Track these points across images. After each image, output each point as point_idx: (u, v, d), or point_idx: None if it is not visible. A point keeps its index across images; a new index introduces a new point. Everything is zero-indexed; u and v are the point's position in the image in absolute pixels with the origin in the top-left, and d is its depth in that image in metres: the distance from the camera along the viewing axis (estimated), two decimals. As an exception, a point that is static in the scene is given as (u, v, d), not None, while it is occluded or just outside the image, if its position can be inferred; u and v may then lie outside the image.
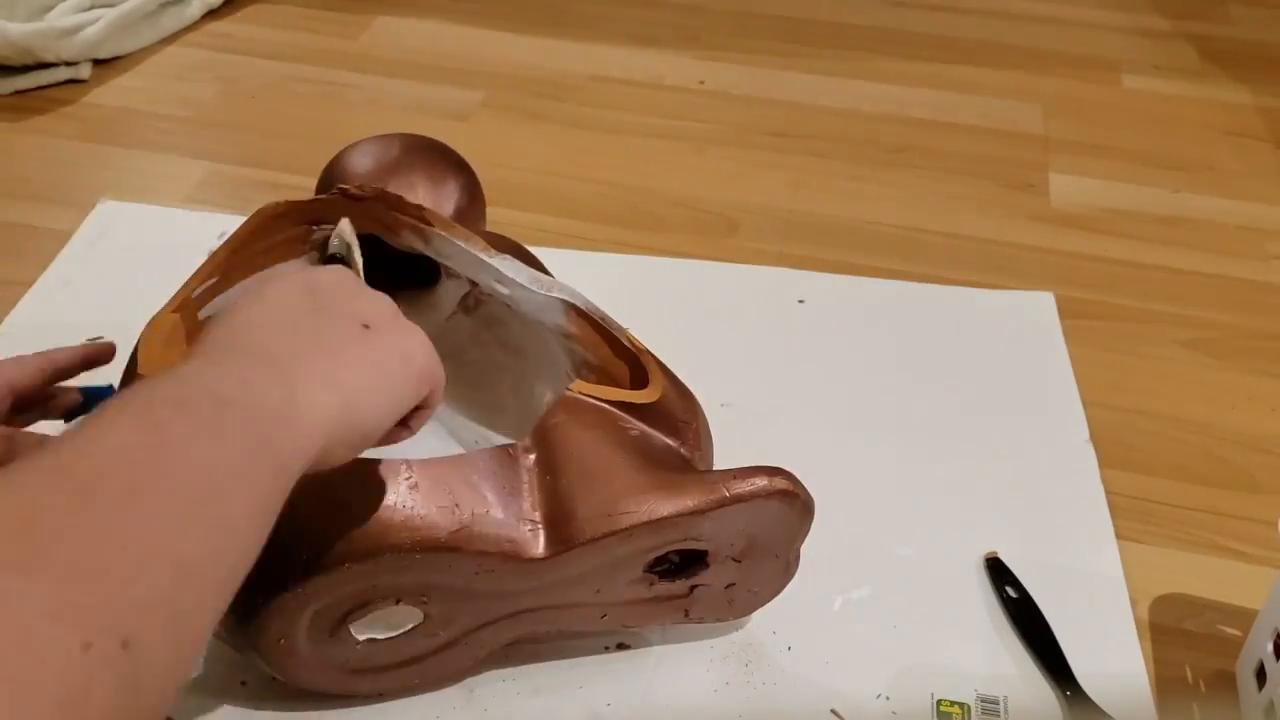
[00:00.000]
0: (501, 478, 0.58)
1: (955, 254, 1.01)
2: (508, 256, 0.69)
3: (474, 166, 0.80)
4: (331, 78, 1.25)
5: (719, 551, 0.61)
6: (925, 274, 0.98)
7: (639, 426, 0.62)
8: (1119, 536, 0.75)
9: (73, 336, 0.71)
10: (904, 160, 1.14)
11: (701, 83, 1.27)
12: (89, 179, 1.07)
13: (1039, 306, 0.95)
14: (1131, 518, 0.77)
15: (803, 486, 0.60)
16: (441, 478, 0.56)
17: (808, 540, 0.65)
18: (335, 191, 0.69)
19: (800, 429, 0.82)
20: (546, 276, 0.70)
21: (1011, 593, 0.70)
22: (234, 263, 0.68)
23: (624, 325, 0.69)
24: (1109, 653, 0.68)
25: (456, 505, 0.56)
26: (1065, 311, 0.94)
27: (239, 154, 1.12)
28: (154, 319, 0.64)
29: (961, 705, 0.65)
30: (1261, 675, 0.64)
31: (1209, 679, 0.68)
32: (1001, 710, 0.65)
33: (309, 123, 1.17)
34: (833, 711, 0.65)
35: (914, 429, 0.83)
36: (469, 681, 0.65)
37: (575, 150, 1.14)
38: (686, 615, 0.65)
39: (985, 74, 1.30)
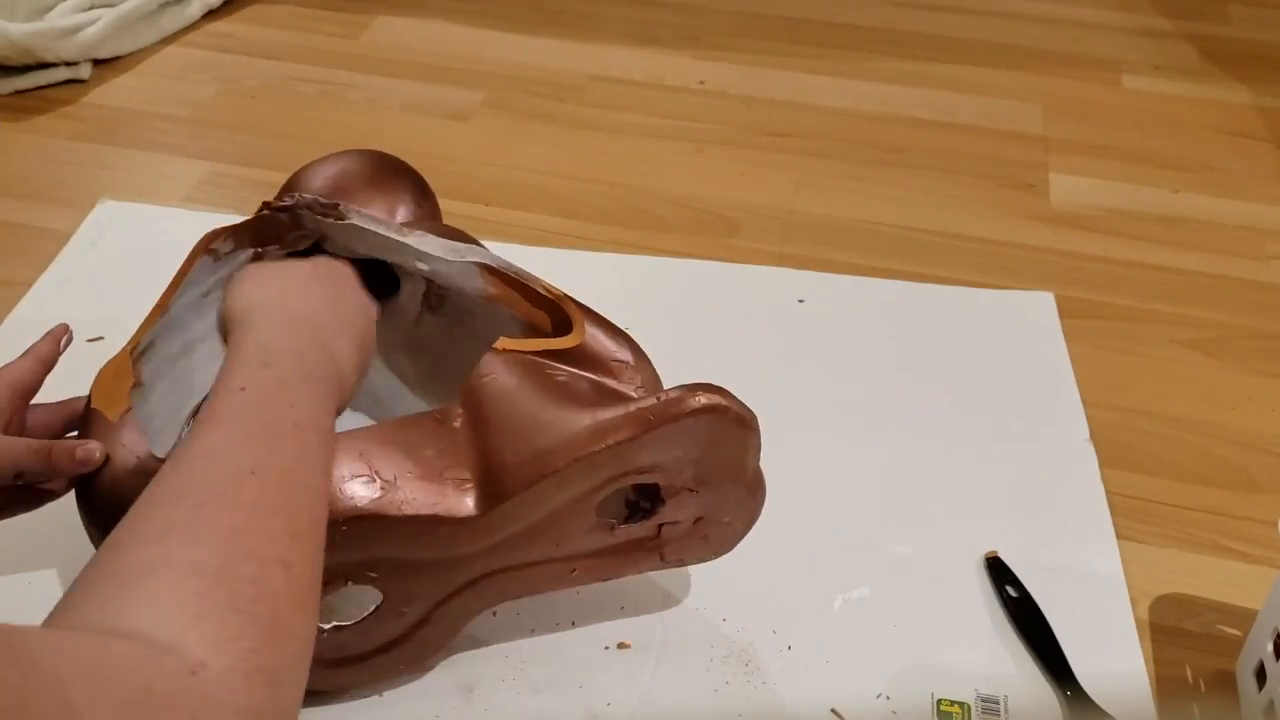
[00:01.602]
0: (425, 441, 0.58)
1: (955, 254, 1.01)
2: (420, 232, 0.69)
3: (474, 166, 0.80)
4: (331, 78, 1.25)
5: (671, 483, 0.60)
6: (925, 274, 0.98)
7: (567, 371, 0.62)
8: (1119, 536, 0.75)
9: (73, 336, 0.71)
10: (904, 160, 1.14)
11: (701, 83, 1.27)
12: (89, 179, 1.07)
13: (1039, 306, 0.95)
14: (1131, 518, 0.77)
15: (735, 399, 0.59)
16: (354, 448, 0.56)
17: (808, 539, 0.65)
18: (263, 208, 0.69)
19: (800, 429, 0.82)
20: (462, 244, 0.70)
21: (1011, 593, 0.70)
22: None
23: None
24: (1109, 653, 0.68)
25: (376, 473, 0.56)
26: (1065, 311, 0.94)
27: (239, 154, 1.12)
28: (112, 361, 0.64)
29: (961, 705, 0.65)
30: (1261, 675, 0.64)
31: (1209, 679, 0.68)
32: (1001, 710, 0.65)
33: (309, 123, 1.17)
34: (833, 711, 0.65)
35: (914, 429, 0.82)
36: (469, 681, 0.65)
37: (575, 150, 1.14)
38: (663, 559, 0.64)
39: (985, 74, 1.30)
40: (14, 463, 0.57)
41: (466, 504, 0.57)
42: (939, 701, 0.65)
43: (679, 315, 0.91)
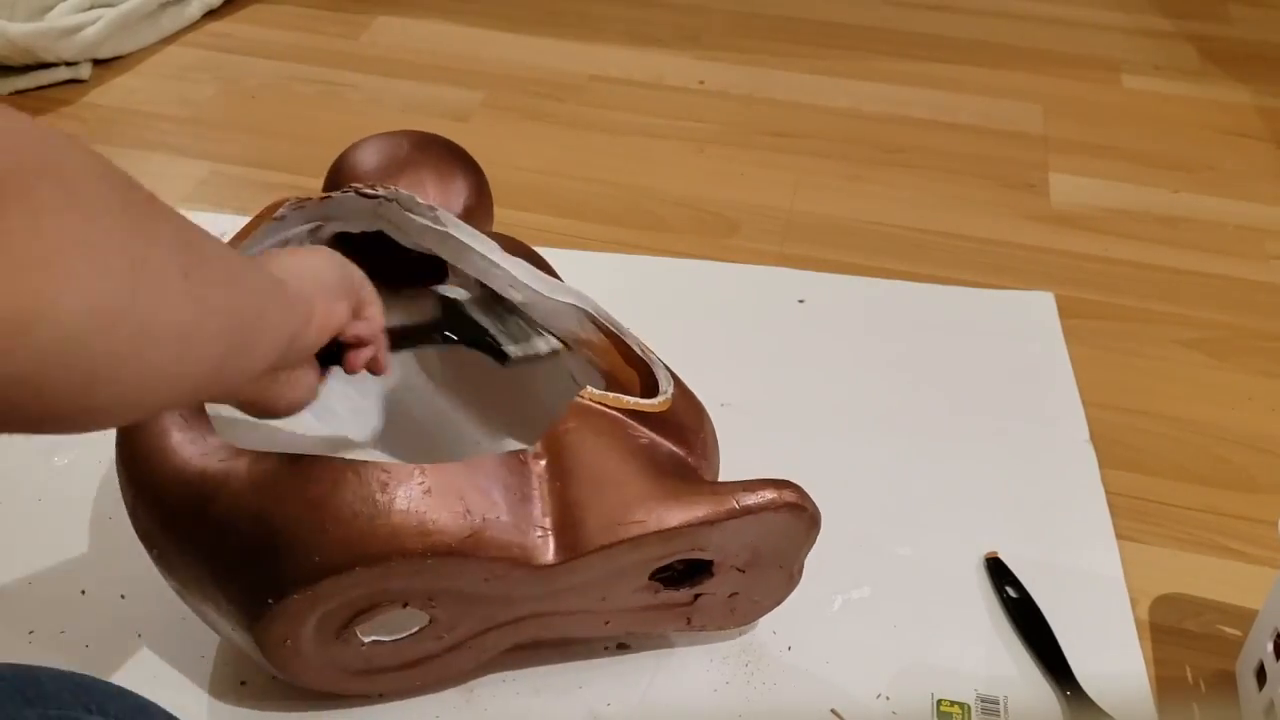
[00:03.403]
0: (512, 483, 0.58)
1: (955, 254, 1.01)
2: (520, 260, 0.69)
3: (474, 167, 0.80)
4: (331, 78, 1.25)
5: (724, 561, 0.61)
6: (925, 274, 0.98)
7: (648, 435, 0.62)
8: (1119, 536, 0.75)
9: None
10: (904, 160, 1.14)
11: (701, 83, 1.27)
12: (89, 179, 1.07)
13: (1039, 306, 0.95)
14: (1131, 518, 0.77)
15: (810, 500, 0.60)
16: (453, 483, 0.56)
17: (808, 540, 0.65)
18: (348, 189, 0.69)
19: (800, 429, 0.82)
20: (558, 281, 0.70)
21: (1011, 593, 0.70)
22: None
23: (633, 331, 0.69)
24: (1109, 653, 0.68)
25: (468, 510, 0.55)
26: (1065, 311, 0.94)
27: (239, 154, 1.12)
28: None
29: (961, 705, 0.65)
30: (1261, 675, 0.64)
31: (1209, 679, 0.68)
32: (1001, 710, 0.65)
33: (309, 123, 1.17)
34: (833, 711, 0.64)
35: (914, 429, 0.82)
36: (469, 682, 0.65)
37: (575, 150, 1.14)
38: (689, 623, 0.65)
39: (985, 74, 1.30)
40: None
41: (545, 553, 0.57)
42: (939, 701, 0.65)
43: (679, 315, 0.91)
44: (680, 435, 0.63)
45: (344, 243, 0.72)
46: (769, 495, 0.58)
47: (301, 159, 0.77)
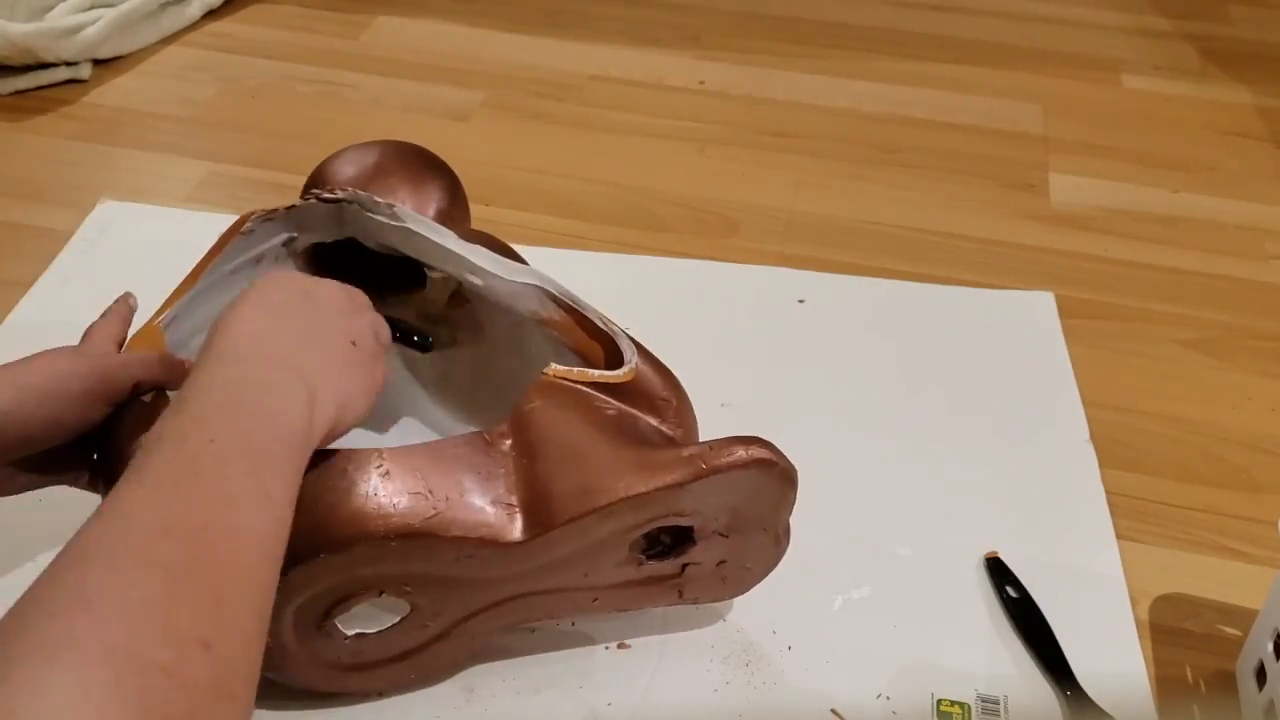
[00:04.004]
0: (476, 463, 0.58)
1: (955, 254, 1.01)
2: (479, 246, 0.69)
3: (474, 166, 0.80)
4: (331, 78, 1.25)
5: (705, 527, 0.61)
6: (925, 274, 0.98)
7: (616, 406, 0.62)
8: (1119, 536, 0.75)
9: (73, 337, 0.71)
10: (904, 160, 1.14)
11: (701, 83, 1.27)
12: (89, 179, 1.07)
13: (1039, 306, 0.95)
14: (1131, 518, 0.77)
15: (782, 455, 0.59)
16: (414, 465, 0.56)
17: (808, 540, 0.65)
18: (310, 196, 0.70)
19: (800, 429, 0.81)
20: (519, 264, 0.70)
21: (1011, 593, 0.70)
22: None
23: (608, 315, 0.69)
24: (1109, 653, 0.68)
25: (430, 491, 0.56)
26: (1065, 311, 0.94)
27: (239, 154, 1.12)
28: (140, 330, 0.65)
29: (961, 705, 0.65)
30: (1261, 675, 0.64)
31: (1209, 679, 0.68)
32: (1001, 710, 0.65)
33: (309, 123, 1.17)
34: (833, 711, 0.65)
35: (914, 429, 0.83)
36: (469, 680, 0.65)
37: (575, 150, 1.14)
38: (680, 596, 0.64)
39: (985, 74, 1.30)
40: (134, 375, 0.59)
41: (512, 530, 0.57)
42: (939, 701, 0.65)
43: (679, 315, 0.91)
44: (651, 404, 0.64)
45: (320, 255, 0.73)
46: (737, 453, 0.58)
47: (301, 159, 0.77)
